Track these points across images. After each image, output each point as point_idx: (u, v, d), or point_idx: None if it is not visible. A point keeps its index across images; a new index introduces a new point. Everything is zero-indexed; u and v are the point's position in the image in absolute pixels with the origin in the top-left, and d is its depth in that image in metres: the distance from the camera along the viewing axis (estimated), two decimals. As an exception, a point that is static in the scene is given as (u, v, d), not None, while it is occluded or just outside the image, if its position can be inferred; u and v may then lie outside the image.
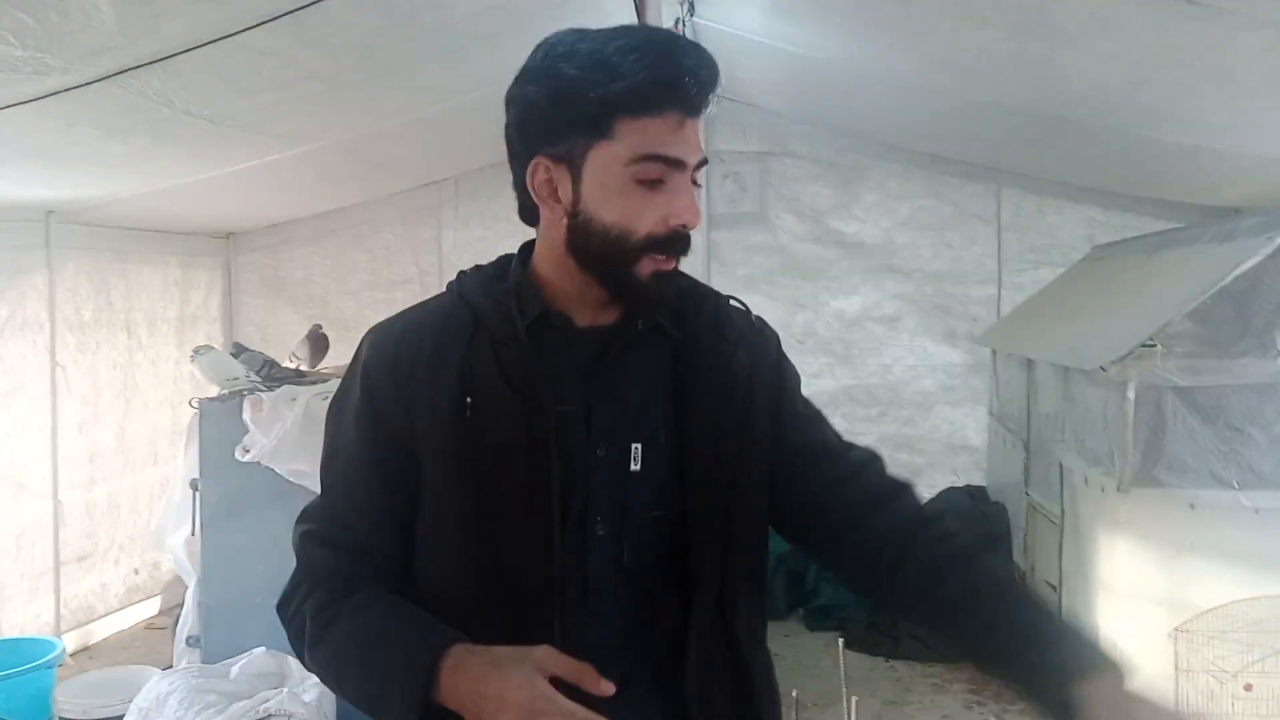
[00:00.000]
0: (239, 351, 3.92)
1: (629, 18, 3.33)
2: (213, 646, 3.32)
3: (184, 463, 3.68)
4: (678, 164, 1.10)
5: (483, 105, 4.36)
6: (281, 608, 1.18)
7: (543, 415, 1.11)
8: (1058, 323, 4.30)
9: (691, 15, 4.02)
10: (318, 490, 3.48)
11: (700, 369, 1.18)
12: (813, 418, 1.29)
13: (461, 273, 1.24)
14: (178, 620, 3.66)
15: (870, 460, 1.28)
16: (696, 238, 1.24)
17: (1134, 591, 3.10)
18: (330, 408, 1.24)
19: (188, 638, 3.46)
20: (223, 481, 3.35)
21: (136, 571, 4.88)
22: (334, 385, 3.50)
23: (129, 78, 2.87)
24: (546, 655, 0.99)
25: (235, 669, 3.10)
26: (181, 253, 5.40)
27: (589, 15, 3.67)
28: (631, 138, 1.08)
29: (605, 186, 1.09)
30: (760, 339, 1.27)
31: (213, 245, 5.71)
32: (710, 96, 1.11)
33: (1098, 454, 3.38)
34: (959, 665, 4.21)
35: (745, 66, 4.62)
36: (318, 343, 4.27)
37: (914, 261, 5.32)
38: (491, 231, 5.67)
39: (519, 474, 1.11)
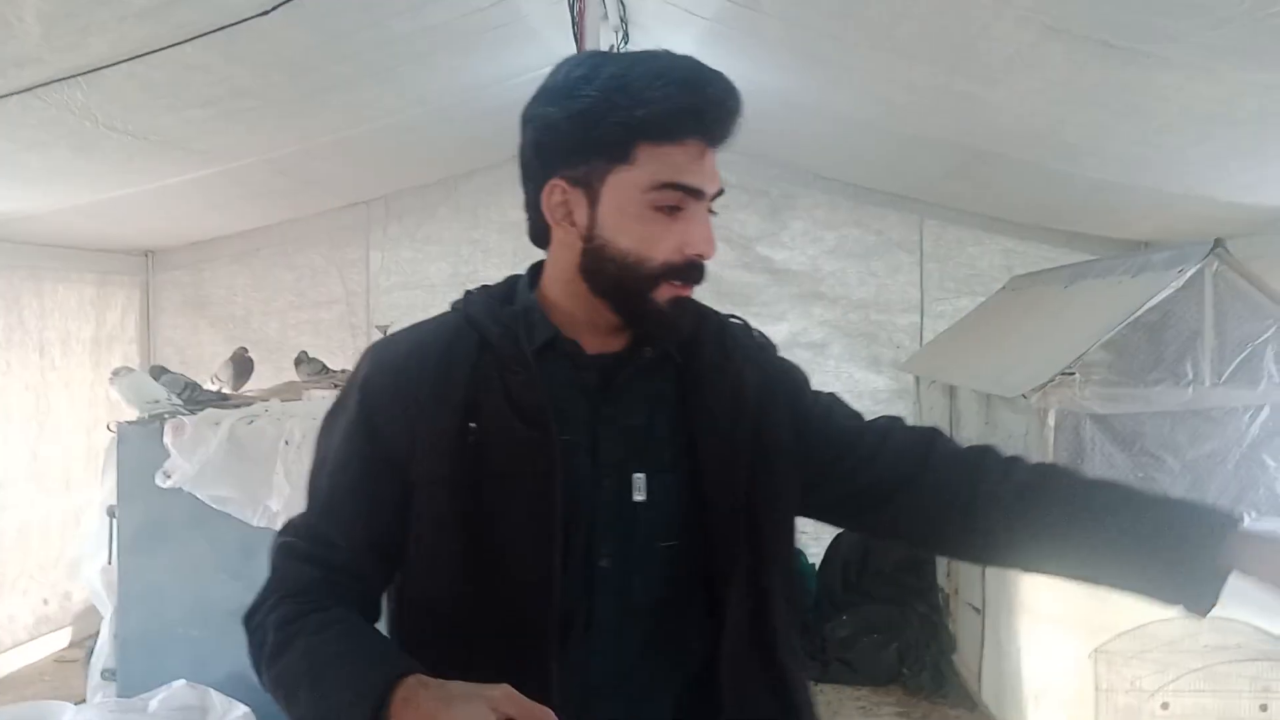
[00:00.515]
0: (159, 374, 3.82)
1: (566, 43, 3.35)
2: (129, 679, 3.20)
3: (101, 489, 3.56)
4: (697, 193, 1.09)
5: (414, 125, 4.41)
6: (248, 619, 1.13)
7: (548, 444, 1.08)
8: (978, 351, 4.42)
9: (626, 43, 4.06)
10: (242, 518, 3.38)
11: (708, 393, 1.16)
12: (827, 406, 1.27)
13: (468, 292, 1.21)
14: (91, 652, 3.53)
15: (893, 423, 1.26)
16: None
17: (1055, 614, 3.18)
18: (324, 421, 1.20)
19: (103, 670, 3.33)
20: (142, 508, 3.25)
21: (46, 602, 4.69)
22: (259, 409, 3.44)
23: (50, 91, 2.80)
24: (504, 696, 0.93)
25: (154, 702, 3.00)
26: (98, 270, 5.23)
27: (526, 40, 3.69)
28: (652, 164, 1.07)
29: (622, 212, 1.08)
30: (762, 352, 1.26)
31: (131, 263, 5.55)
32: (733, 127, 1.09)
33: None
34: (886, 688, 4.27)
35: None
36: (242, 365, 4.18)
37: (840, 289, 5.42)
38: (422, 253, 5.63)
39: (521, 504, 1.08)
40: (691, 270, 1.10)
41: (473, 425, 1.09)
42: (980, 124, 3.86)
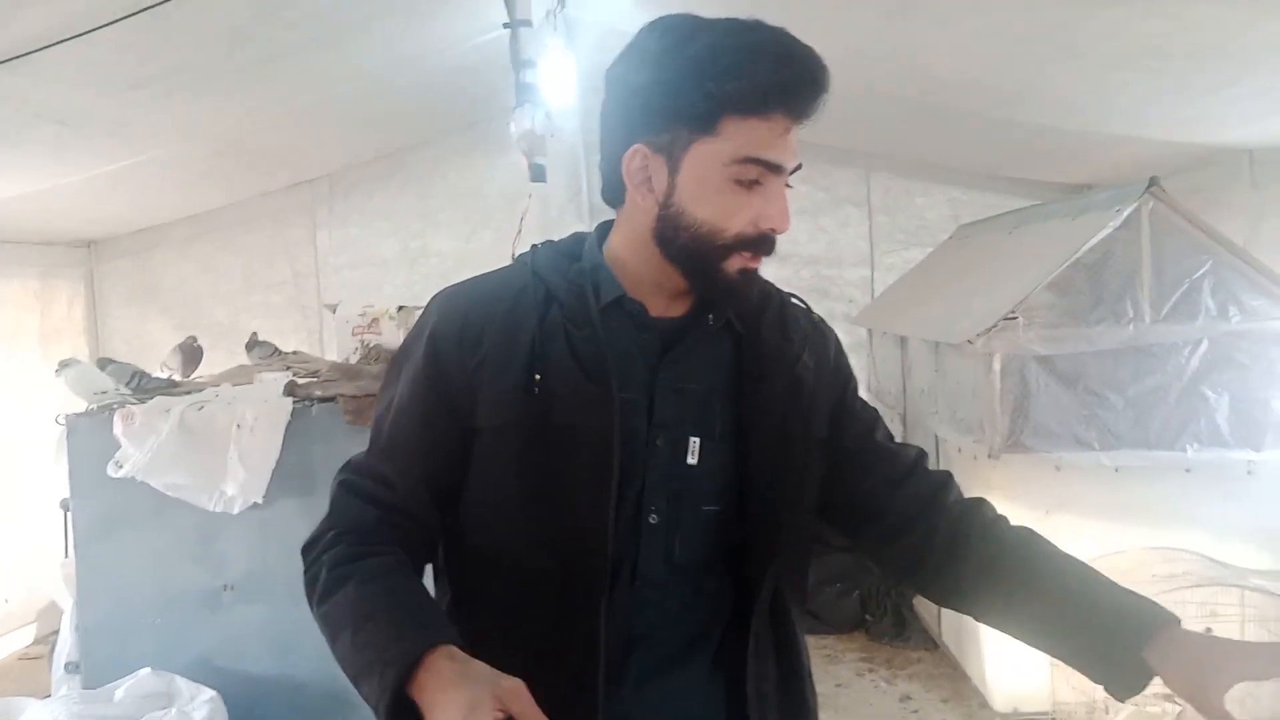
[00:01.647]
0: (105, 364, 3.76)
1: (498, 10, 3.31)
2: (94, 671, 3.18)
3: (53, 482, 3.51)
4: (777, 168, 1.10)
5: (357, 98, 4.34)
6: (306, 550, 1.15)
7: (609, 401, 1.11)
8: (927, 300, 4.47)
9: (563, 8, 4.02)
10: (198, 503, 3.34)
11: (765, 368, 1.19)
12: (869, 419, 1.31)
13: (534, 246, 1.23)
14: (54, 647, 3.50)
15: (919, 459, 1.31)
16: (579, 225, 1.26)
17: (1009, 552, 3.26)
18: (389, 367, 1.23)
19: (66, 664, 3.30)
20: (95, 499, 3.21)
21: (6, 600, 4.64)
22: (209, 394, 3.41)
23: (-26, 79, 2.73)
24: (513, 691, 0.95)
25: (119, 692, 2.98)
26: (41, 264, 5.14)
27: (460, 3, 3.65)
28: (736, 138, 1.07)
29: (702, 183, 1.09)
30: (820, 338, 1.28)
31: (74, 254, 5.45)
32: (819, 104, 1.09)
33: (969, 423, 3.54)
34: (850, 636, 4.35)
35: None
36: (190, 353, 4.13)
37: (791, 246, 5.44)
38: (370, 230, 5.58)
39: (579, 457, 1.11)
40: (763, 243, 1.12)
41: (538, 376, 1.12)
42: (923, 74, 3.88)
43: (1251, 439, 3.26)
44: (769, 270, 1.20)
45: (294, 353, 4.47)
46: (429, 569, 1.23)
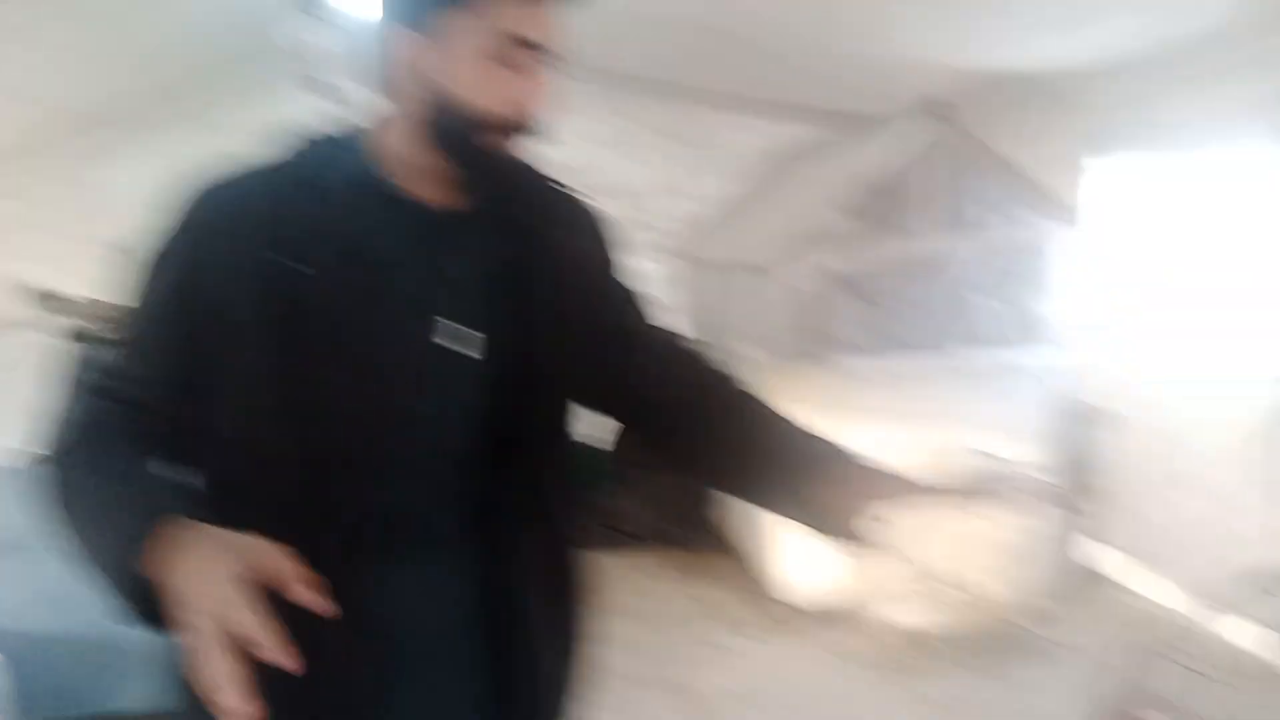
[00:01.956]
0: None
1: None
2: None
3: None
4: (535, 47, 1.09)
5: (134, 27, 4.05)
6: (49, 458, 1.09)
7: (374, 290, 1.11)
8: (735, 228, 4.60)
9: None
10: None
11: (534, 254, 1.20)
12: (632, 301, 1.35)
13: (308, 139, 1.19)
14: None
15: (678, 338, 1.35)
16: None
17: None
18: (146, 262, 1.15)
19: None
20: None
21: None
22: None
23: None
24: (267, 550, 0.90)
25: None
26: None
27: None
28: (495, 17, 1.07)
29: (462, 64, 1.09)
30: (586, 221, 1.30)
31: None
32: None
33: (766, 338, 3.69)
34: (648, 545, 4.43)
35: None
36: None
37: (608, 179, 5.45)
38: (165, 169, 5.24)
39: (344, 346, 1.10)
40: (524, 123, 1.12)
41: (301, 267, 1.09)
42: (724, 4, 3.92)
43: (1017, 339, 3.52)
44: (597, 203, 1.23)
45: (92, 301, 4.23)
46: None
